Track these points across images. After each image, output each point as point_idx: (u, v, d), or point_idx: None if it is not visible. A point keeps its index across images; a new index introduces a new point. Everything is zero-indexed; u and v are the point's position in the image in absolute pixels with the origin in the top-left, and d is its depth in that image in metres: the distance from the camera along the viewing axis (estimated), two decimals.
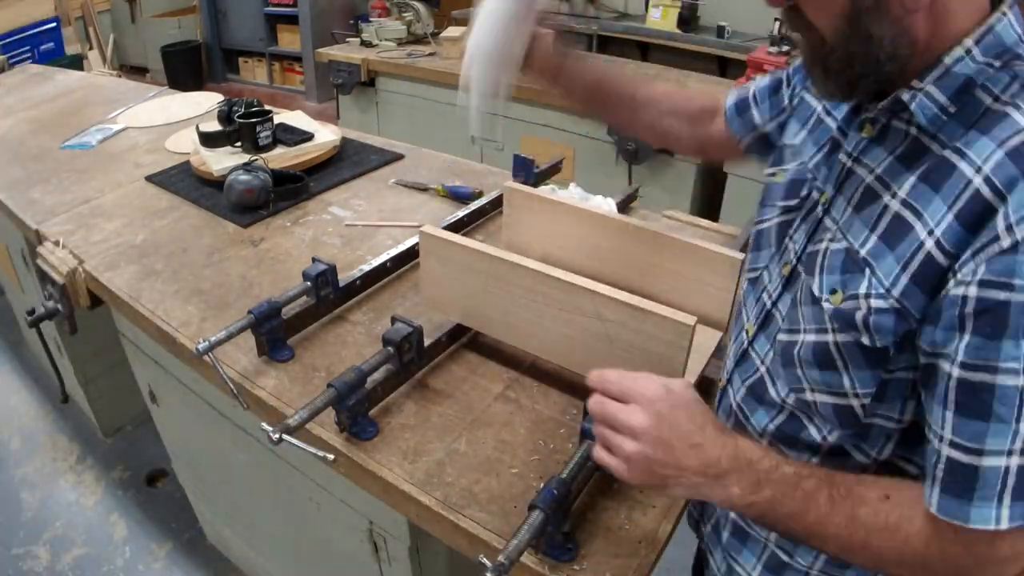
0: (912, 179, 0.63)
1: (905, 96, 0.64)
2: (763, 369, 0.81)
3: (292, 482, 1.29)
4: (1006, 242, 0.54)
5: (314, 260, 1.19)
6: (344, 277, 1.25)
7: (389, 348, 1.01)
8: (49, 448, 2.41)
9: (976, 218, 0.57)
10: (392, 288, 1.33)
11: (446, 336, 1.14)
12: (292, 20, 5.66)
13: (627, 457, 0.67)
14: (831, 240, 0.71)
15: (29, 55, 4.64)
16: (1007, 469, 0.56)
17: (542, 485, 0.81)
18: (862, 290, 0.65)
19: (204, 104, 2.31)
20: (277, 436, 0.87)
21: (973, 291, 0.56)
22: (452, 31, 3.46)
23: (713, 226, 1.52)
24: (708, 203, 2.72)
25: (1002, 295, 0.54)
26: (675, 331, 0.89)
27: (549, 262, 1.01)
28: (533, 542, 0.77)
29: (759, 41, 3.09)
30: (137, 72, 6.20)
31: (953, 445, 0.58)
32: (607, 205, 1.16)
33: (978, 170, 0.58)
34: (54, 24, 4.86)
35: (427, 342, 1.09)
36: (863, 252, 0.66)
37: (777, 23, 2.84)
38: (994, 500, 0.56)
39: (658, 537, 0.86)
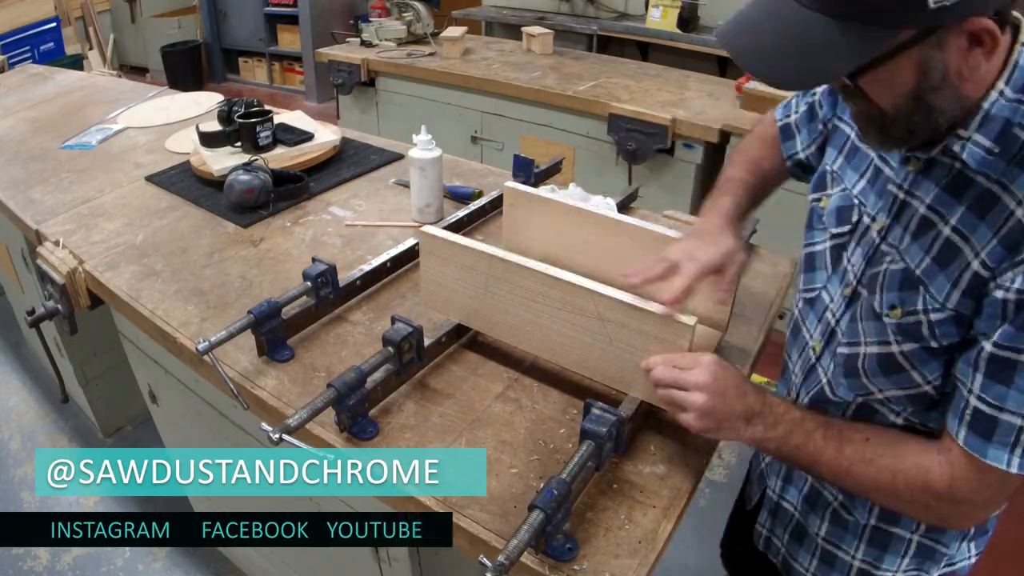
0: (961, 209, 0.73)
1: (956, 147, 0.72)
2: (824, 380, 0.93)
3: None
4: None
5: (314, 260, 1.19)
6: (344, 277, 1.25)
7: (389, 348, 1.01)
8: (49, 448, 2.41)
9: (1015, 242, 0.69)
10: (392, 288, 1.33)
11: (446, 336, 1.14)
12: (292, 20, 5.66)
13: (698, 407, 0.83)
14: (891, 262, 0.81)
15: (29, 55, 4.65)
16: (1021, 428, 0.70)
17: (542, 485, 0.81)
18: (919, 306, 0.77)
19: (204, 104, 2.31)
20: (277, 436, 0.87)
21: (1012, 296, 0.68)
22: (452, 31, 3.45)
23: None
24: None
25: None
26: (675, 331, 0.89)
27: (549, 262, 1.01)
28: (533, 542, 0.77)
29: None
30: (137, 72, 6.20)
31: (980, 399, 0.73)
32: (607, 205, 1.16)
33: (1019, 203, 0.68)
34: (54, 24, 4.87)
35: (427, 342, 1.09)
36: (919, 271, 0.77)
37: None
38: (1008, 447, 0.71)
39: (658, 537, 0.86)
